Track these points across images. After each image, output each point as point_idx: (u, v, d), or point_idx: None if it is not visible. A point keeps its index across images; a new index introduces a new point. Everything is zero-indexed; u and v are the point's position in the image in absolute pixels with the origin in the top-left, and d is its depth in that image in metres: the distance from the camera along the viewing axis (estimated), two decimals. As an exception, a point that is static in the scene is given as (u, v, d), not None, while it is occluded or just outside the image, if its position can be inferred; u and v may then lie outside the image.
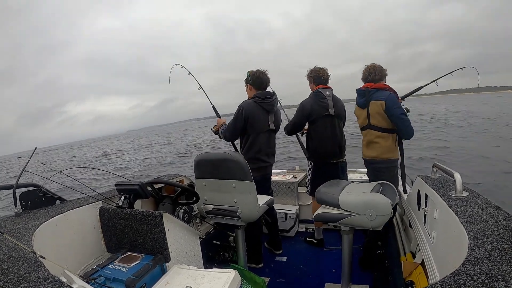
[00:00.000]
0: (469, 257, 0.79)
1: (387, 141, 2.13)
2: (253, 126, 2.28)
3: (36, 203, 1.68)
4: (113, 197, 1.78)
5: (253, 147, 2.30)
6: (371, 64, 2.23)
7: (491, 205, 1.17)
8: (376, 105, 2.11)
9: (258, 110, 2.28)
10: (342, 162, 2.54)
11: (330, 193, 1.73)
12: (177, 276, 1.33)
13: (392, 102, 2.06)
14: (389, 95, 2.08)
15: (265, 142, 2.34)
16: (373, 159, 2.20)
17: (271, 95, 2.35)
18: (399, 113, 2.05)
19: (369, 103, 2.15)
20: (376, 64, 2.22)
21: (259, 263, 2.40)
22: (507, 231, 0.92)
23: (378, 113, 2.11)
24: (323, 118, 2.38)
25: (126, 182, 1.69)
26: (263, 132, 2.32)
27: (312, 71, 2.48)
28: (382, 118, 2.11)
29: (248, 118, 2.25)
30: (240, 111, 2.25)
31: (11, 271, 0.86)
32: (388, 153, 2.14)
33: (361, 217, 1.57)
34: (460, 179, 1.36)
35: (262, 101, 2.29)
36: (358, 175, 3.12)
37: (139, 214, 1.46)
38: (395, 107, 2.05)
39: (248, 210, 1.81)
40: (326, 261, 2.41)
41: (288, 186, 3.11)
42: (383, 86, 2.15)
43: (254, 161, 2.29)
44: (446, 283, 0.68)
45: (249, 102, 2.30)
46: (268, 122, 2.33)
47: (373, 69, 2.20)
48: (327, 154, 2.45)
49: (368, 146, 2.22)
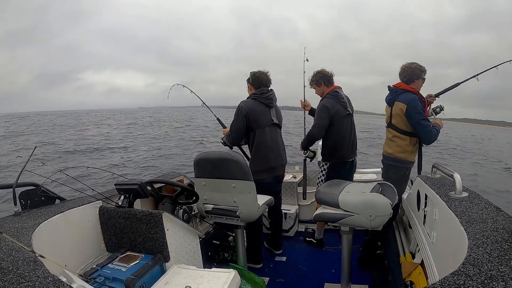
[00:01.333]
0: (468, 257, 0.79)
1: (403, 141, 2.15)
2: (256, 121, 2.27)
3: (35, 202, 1.68)
4: (112, 197, 1.78)
5: (262, 144, 2.29)
6: (407, 63, 2.17)
7: (490, 205, 1.17)
8: (399, 106, 2.12)
9: (257, 106, 2.29)
10: (355, 162, 2.59)
11: (329, 193, 1.73)
12: (176, 276, 1.33)
13: (413, 107, 2.03)
14: (412, 99, 2.05)
15: (273, 138, 2.34)
16: (387, 155, 2.24)
17: (268, 90, 2.36)
18: (420, 118, 2.03)
19: (394, 102, 2.16)
20: (413, 64, 2.14)
21: (259, 263, 2.40)
22: (506, 231, 0.92)
23: (399, 114, 2.13)
24: (344, 118, 2.40)
25: (125, 181, 1.69)
26: (268, 126, 2.31)
27: (319, 73, 2.48)
28: (401, 120, 2.13)
29: (248, 114, 2.24)
30: (239, 110, 2.25)
31: (11, 271, 0.86)
32: (401, 153, 2.16)
33: (360, 217, 1.57)
34: (459, 179, 1.36)
35: (260, 97, 2.31)
36: (358, 175, 3.12)
37: (138, 214, 1.46)
38: (416, 112, 2.03)
39: (247, 210, 1.81)
40: (326, 261, 2.41)
41: (287, 186, 3.11)
42: (410, 89, 2.12)
43: (264, 161, 2.29)
44: (445, 283, 0.68)
45: (246, 100, 2.32)
46: (270, 116, 2.33)
47: (405, 70, 2.16)
48: (346, 153, 2.46)
49: (387, 142, 2.27)
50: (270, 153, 2.31)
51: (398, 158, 2.17)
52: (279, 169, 2.41)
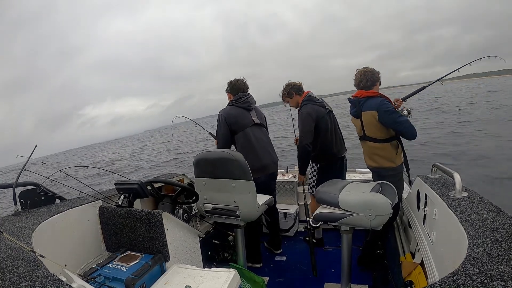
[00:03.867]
0: (468, 257, 0.79)
1: (385, 151, 2.04)
2: (238, 124, 2.32)
3: (35, 202, 1.68)
4: (112, 196, 1.78)
5: (247, 144, 2.32)
6: (362, 69, 2.10)
7: (490, 205, 1.17)
8: (368, 116, 2.01)
9: (236, 111, 2.35)
10: (345, 159, 2.62)
11: (329, 193, 1.72)
12: (176, 276, 1.33)
13: (384, 110, 1.93)
14: (380, 102, 1.96)
15: (257, 137, 2.37)
16: (374, 169, 2.16)
17: (245, 95, 2.42)
18: (395, 117, 1.92)
19: (361, 113, 2.05)
20: (368, 68, 2.09)
21: (259, 263, 2.41)
22: (506, 231, 0.92)
23: (372, 124, 2.01)
24: (326, 116, 2.45)
25: (125, 181, 1.69)
26: (250, 127, 2.36)
27: (288, 85, 2.56)
28: (376, 129, 2.02)
29: (228, 120, 2.30)
30: (220, 118, 2.32)
31: (11, 270, 0.86)
32: (388, 163, 2.05)
33: (360, 217, 1.57)
34: (459, 179, 1.36)
35: (237, 102, 2.37)
36: (358, 175, 3.12)
37: (138, 213, 1.46)
38: (389, 114, 1.92)
39: (247, 210, 1.81)
40: (326, 261, 2.41)
41: (287, 185, 3.11)
42: (374, 94, 2.02)
43: (254, 160, 2.29)
44: (445, 283, 0.68)
45: (225, 108, 2.39)
46: (251, 117, 2.38)
47: (364, 75, 2.06)
48: (336, 150, 2.50)
49: (368, 157, 2.16)
50: (257, 151, 2.34)
51: (387, 168, 2.07)
52: (272, 167, 2.42)
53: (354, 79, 2.14)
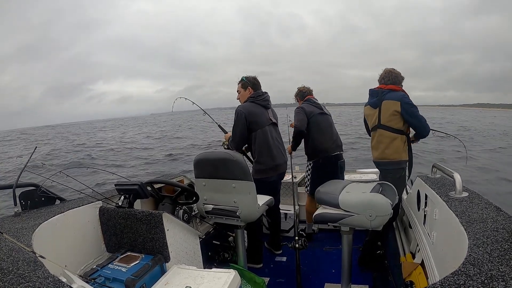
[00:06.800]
0: (468, 257, 0.79)
1: (395, 142, 2.14)
2: (256, 122, 2.32)
3: (35, 203, 1.68)
4: (112, 197, 1.78)
5: (265, 143, 2.33)
6: (390, 68, 2.28)
7: (490, 205, 1.17)
8: (389, 104, 2.13)
9: (256, 108, 2.35)
10: (342, 161, 2.70)
11: (330, 193, 1.72)
12: (176, 276, 1.33)
13: (407, 102, 2.09)
14: (402, 95, 2.13)
15: (274, 136, 2.41)
16: (381, 161, 2.23)
17: (264, 93, 2.45)
18: (415, 111, 2.09)
19: (382, 102, 2.17)
20: (395, 70, 2.26)
21: (259, 263, 2.40)
22: (506, 231, 0.92)
23: (390, 113, 2.13)
24: (318, 115, 2.67)
25: (125, 182, 1.69)
26: (268, 126, 2.38)
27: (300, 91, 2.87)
28: (393, 118, 2.13)
29: (248, 117, 2.29)
30: (239, 114, 2.30)
31: (11, 271, 0.86)
32: (395, 154, 2.15)
33: (360, 217, 1.57)
34: (459, 179, 1.36)
35: (257, 99, 2.38)
36: (358, 175, 3.12)
37: (138, 214, 1.46)
38: (410, 106, 2.09)
39: (247, 210, 1.80)
40: (326, 261, 2.41)
41: (287, 186, 3.11)
42: (397, 88, 2.18)
43: (270, 159, 2.34)
44: (445, 283, 0.68)
45: (244, 104, 2.39)
46: (268, 116, 2.40)
47: (389, 74, 2.24)
48: (328, 146, 2.61)
49: (377, 147, 2.25)
50: (273, 150, 2.36)
51: (393, 161, 2.16)
52: (283, 166, 2.48)
53: (380, 74, 2.32)
